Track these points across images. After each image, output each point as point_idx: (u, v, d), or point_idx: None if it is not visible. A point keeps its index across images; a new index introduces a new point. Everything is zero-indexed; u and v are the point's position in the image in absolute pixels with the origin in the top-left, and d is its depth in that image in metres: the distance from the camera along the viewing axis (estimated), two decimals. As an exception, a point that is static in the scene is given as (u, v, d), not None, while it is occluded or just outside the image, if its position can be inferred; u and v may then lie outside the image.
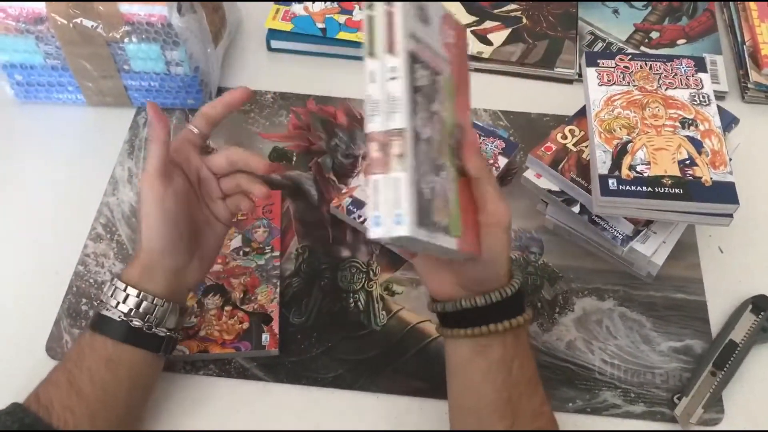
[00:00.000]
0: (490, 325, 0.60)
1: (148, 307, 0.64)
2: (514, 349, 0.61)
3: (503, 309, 0.61)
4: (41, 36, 0.86)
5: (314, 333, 0.77)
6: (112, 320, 0.64)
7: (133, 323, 0.64)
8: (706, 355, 0.75)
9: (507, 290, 0.60)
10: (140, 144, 0.92)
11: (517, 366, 0.61)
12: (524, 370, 0.61)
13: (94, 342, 0.64)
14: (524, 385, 0.61)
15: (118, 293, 0.64)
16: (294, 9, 1.02)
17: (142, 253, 0.65)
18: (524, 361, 0.62)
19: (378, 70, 0.49)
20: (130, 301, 0.64)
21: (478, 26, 1.03)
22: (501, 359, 0.61)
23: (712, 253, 0.83)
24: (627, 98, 0.78)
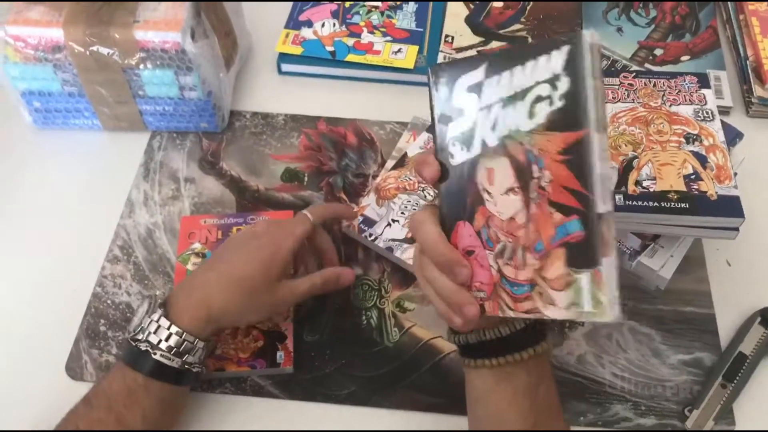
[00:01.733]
0: (515, 354, 0.60)
1: (190, 348, 0.66)
2: (538, 374, 0.61)
3: (526, 336, 0.60)
4: (59, 64, 0.88)
5: (327, 350, 0.78)
6: (170, 368, 0.66)
7: (194, 369, 0.67)
8: (715, 367, 0.75)
9: (525, 321, 0.60)
10: (155, 167, 0.94)
11: (544, 391, 0.61)
12: (550, 395, 0.62)
13: (150, 385, 0.65)
14: (549, 410, 0.61)
15: (172, 338, 0.66)
16: (303, 33, 1.05)
17: (216, 299, 0.68)
18: (550, 385, 0.62)
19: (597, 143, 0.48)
20: (173, 340, 0.66)
21: (484, 47, 1.05)
22: (527, 385, 0.60)
23: (719, 266, 0.84)
24: (632, 115, 0.80)
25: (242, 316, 0.70)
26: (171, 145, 0.97)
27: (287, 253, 0.71)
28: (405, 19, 1.07)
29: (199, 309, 0.67)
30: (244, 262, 0.70)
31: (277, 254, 0.70)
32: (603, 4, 1.12)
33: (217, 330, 0.69)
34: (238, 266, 0.69)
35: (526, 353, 0.59)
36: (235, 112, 1.00)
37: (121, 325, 0.80)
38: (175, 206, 0.90)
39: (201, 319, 0.67)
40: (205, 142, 0.97)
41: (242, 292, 0.68)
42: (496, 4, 1.11)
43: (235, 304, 0.68)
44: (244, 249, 0.71)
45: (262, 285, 0.69)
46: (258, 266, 0.69)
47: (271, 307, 0.72)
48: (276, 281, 0.70)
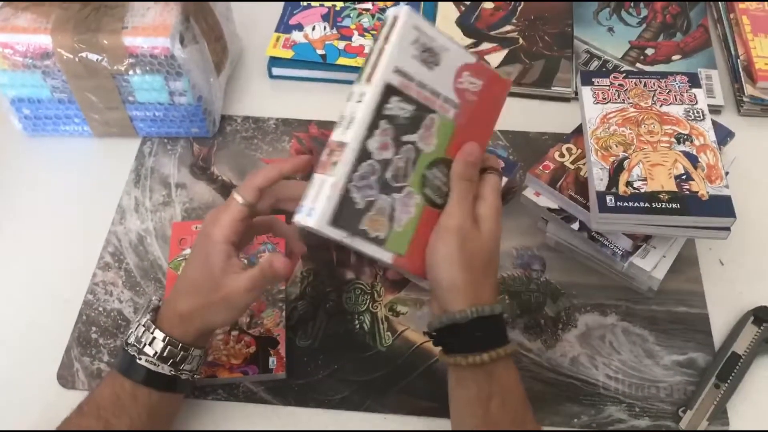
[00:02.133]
0: (456, 356, 0.60)
1: (176, 353, 0.65)
2: (489, 387, 0.60)
3: (468, 340, 0.60)
4: (48, 71, 0.88)
5: (320, 355, 0.78)
6: (161, 375, 0.65)
7: (183, 377, 0.66)
8: (709, 367, 0.75)
9: (457, 315, 0.59)
10: (146, 173, 0.94)
11: (497, 405, 0.60)
12: (506, 410, 0.60)
13: (137, 392, 0.64)
14: (507, 424, 0.60)
15: (157, 343, 0.65)
16: (294, 37, 1.04)
17: (180, 304, 0.66)
18: (506, 399, 0.60)
19: (355, 92, 0.59)
20: (157, 345, 0.65)
21: (476, 48, 1.05)
22: (477, 396, 0.60)
23: (712, 265, 0.84)
24: (622, 115, 0.80)
25: (210, 317, 0.66)
26: (162, 151, 0.96)
27: (219, 245, 0.64)
28: (396, 21, 1.07)
29: (173, 314, 0.66)
30: (190, 263, 0.67)
31: (210, 249, 0.64)
32: (594, 5, 1.12)
33: (200, 334, 0.67)
34: (188, 268, 0.67)
35: (464, 359, 0.59)
36: (226, 116, 1.00)
37: (113, 332, 0.80)
38: (166, 212, 0.90)
39: (177, 324, 0.65)
40: (196, 147, 0.96)
41: (196, 293, 0.65)
42: (486, 5, 1.11)
43: (195, 306, 0.65)
44: (194, 249, 0.68)
45: (208, 283, 0.64)
46: (198, 265, 0.65)
47: (226, 304, 0.65)
48: (221, 276, 0.64)
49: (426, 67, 0.60)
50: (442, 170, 0.62)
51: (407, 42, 0.59)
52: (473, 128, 0.64)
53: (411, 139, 0.60)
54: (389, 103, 0.59)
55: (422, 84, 0.60)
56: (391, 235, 0.61)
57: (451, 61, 0.61)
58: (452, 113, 0.62)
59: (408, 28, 0.58)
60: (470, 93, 0.63)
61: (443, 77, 0.61)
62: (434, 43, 0.60)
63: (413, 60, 0.59)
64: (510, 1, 1.11)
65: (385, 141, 0.59)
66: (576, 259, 0.83)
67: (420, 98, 0.60)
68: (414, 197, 0.61)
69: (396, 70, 0.58)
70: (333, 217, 0.57)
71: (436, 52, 0.60)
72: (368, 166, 0.59)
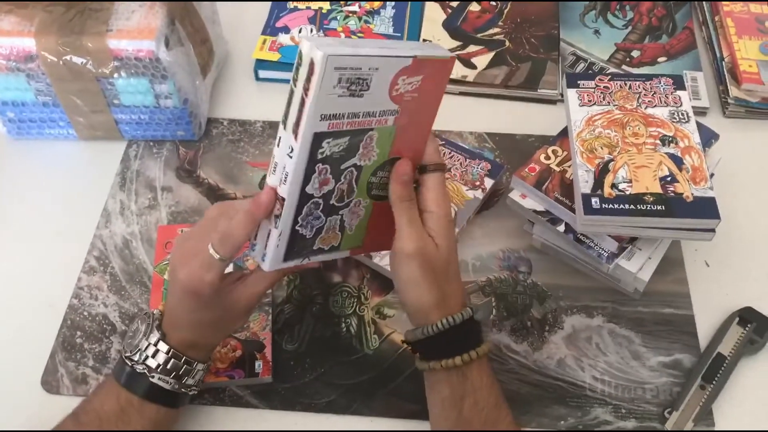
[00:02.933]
0: (431, 362, 0.62)
1: (189, 370, 0.66)
2: (462, 388, 0.61)
3: (442, 347, 0.61)
4: (32, 73, 0.87)
5: (307, 359, 0.78)
6: (166, 391, 0.65)
7: (190, 392, 0.67)
8: (695, 368, 0.76)
9: (428, 329, 0.61)
10: (132, 176, 0.94)
11: (469, 406, 0.61)
12: (478, 410, 0.61)
13: (144, 408, 0.64)
14: (479, 424, 0.61)
15: (160, 355, 0.64)
16: (281, 39, 1.04)
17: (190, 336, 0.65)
18: (478, 399, 0.62)
19: (283, 140, 0.56)
20: (171, 363, 0.65)
21: (462, 51, 1.05)
22: (450, 397, 0.62)
23: (698, 267, 0.84)
24: (607, 118, 0.80)
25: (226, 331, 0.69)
26: (147, 154, 0.96)
27: (207, 290, 0.61)
28: (383, 24, 1.07)
29: (184, 341, 0.65)
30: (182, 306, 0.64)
31: (206, 298, 0.62)
32: (580, 7, 1.12)
33: (214, 348, 0.68)
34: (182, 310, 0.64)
35: (438, 363, 0.61)
36: (213, 119, 1.00)
37: (98, 337, 0.79)
38: (152, 216, 0.90)
39: (191, 348, 0.65)
40: (182, 151, 0.96)
41: (207, 327, 0.65)
42: (473, 8, 1.11)
43: (208, 334, 0.66)
44: (176, 296, 0.64)
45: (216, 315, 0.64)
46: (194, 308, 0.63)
47: (242, 312, 0.66)
48: (226, 301, 0.64)
49: (355, 97, 0.56)
50: (387, 169, 0.63)
51: (329, 87, 0.53)
52: (416, 121, 0.62)
53: (350, 163, 0.60)
54: (321, 147, 0.57)
55: (354, 114, 0.57)
56: (344, 238, 0.65)
57: (383, 76, 0.57)
58: (391, 120, 0.60)
59: (328, 74, 0.53)
60: (409, 93, 0.60)
61: (377, 95, 0.58)
62: (360, 72, 0.55)
63: (340, 99, 0.55)
64: (497, 2, 1.11)
65: (324, 178, 0.59)
66: (562, 260, 0.84)
67: (354, 127, 0.58)
68: (362, 203, 0.64)
69: (322, 117, 0.55)
70: (285, 256, 0.61)
71: (363, 78, 0.56)
72: (311, 204, 0.60)
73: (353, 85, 0.55)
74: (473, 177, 0.88)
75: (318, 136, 0.56)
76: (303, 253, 0.62)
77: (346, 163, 0.60)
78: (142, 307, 0.81)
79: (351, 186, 0.61)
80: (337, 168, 0.59)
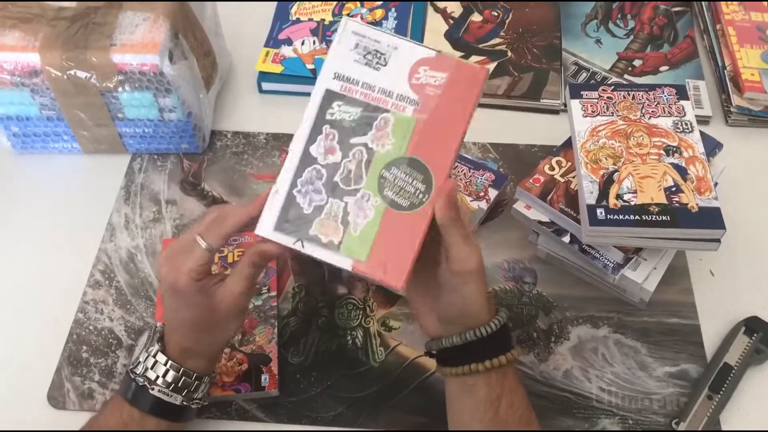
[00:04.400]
0: (472, 364, 0.61)
1: (190, 383, 0.65)
2: (500, 388, 0.62)
3: (485, 348, 0.62)
4: (36, 88, 0.88)
5: (313, 372, 0.78)
6: (169, 404, 0.64)
7: (193, 405, 0.66)
8: (701, 379, 0.75)
9: (483, 330, 0.61)
10: (136, 190, 0.94)
11: (505, 405, 0.61)
12: (513, 410, 0.62)
13: (146, 422, 0.64)
14: (514, 424, 0.62)
15: (170, 374, 0.64)
16: (284, 51, 1.04)
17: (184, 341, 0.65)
18: (514, 399, 0.62)
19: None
20: (170, 375, 0.64)
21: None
22: (487, 398, 0.61)
23: (703, 276, 0.84)
24: (611, 128, 0.80)
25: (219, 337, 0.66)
26: (152, 167, 0.96)
27: (191, 288, 0.61)
28: (385, 35, 1.07)
29: (180, 348, 0.65)
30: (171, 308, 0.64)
31: (184, 293, 0.62)
32: (581, 16, 1.12)
33: (212, 358, 0.67)
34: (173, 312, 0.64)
35: (482, 365, 0.61)
36: (216, 132, 1.00)
37: (104, 351, 0.79)
38: (156, 229, 0.90)
39: (188, 357, 0.65)
40: (186, 163, 0.96)
41: (195, 329, 0.64)
42: (474, 18, 1.11)
43: (199, 338, 0.65)
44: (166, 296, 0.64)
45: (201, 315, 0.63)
46: (182, 308, 0.63)
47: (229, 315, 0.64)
48: (210, 301, 0.62)
49: (371, 68, 0.61)
50: (405, 170, 0.60)
51: (346, 48, 0.61)
52: (441, 123, 0.61)
53: (361, 141, 0.60)
54: (331, 108, 0.61)
55: (369, 85, 0.61)
56: (347, 239, 0.60)
57: (403, 58, 0.61)
58: (410, 110, 0.61)
59: (346, 35, 0.62)
60: (432, 87, 0.61)
61: (394, 76, 0.61)
62: (378, 45, 0.61)
63: (355, 64, 0.61)
64: (498, 13, 1.12)
65: (330, 146, 0.60)
66: (567, 271, 0.84)
67: (368, 99, 0.61)
68: (371, 199, 0.60)
69: (336, 75, 0.61)
70: (277, 222, 0.60)
71: (382, 53, 0.61)
72: (313, 170, 0.60)
73: (369, 55, 0.61)
74: (477, 188, 0.88)
75: (329, 94, 0.61)
76: (297, 230, 0.60)
77: (355, 138, 0.60)
78: (147, 321, 0.81)
79: (360, 169, 0.60)
80: (346, 140, 0.60)
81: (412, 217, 0.59)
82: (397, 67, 0.61)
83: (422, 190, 0.60)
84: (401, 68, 0.61)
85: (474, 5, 1.13)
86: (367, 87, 0.61)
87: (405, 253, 0.59)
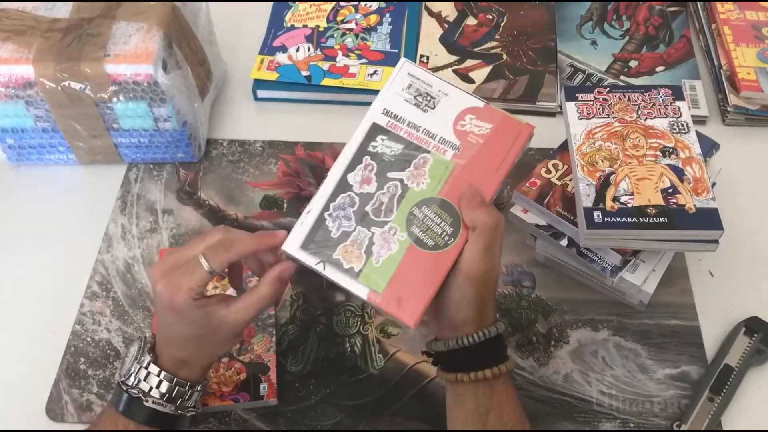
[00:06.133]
0: (458, 373, 0.61)
1: (183, 392, 0.65)
2: (488, 401, 0.61)
3: (470, 359, 0.61)
4: (31, 100, 0.87)
5: (312, 380, 0.77)
6: (164, 414, 0.64)
7: (188, 413, 0.65)
8: (702, 380, 0.75)
9: (466, 339, 0.60)
10: (132, 200, 0.93)
11: (494, 419, 0.61)
12: (502, 424, 0.61)
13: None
14: None
15: (163, 385, 0.64)
16: (278, 59, 1.04)
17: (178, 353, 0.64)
18: (504, 413, 0.61)
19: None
20: (164, 386, 0.64)
21: (460, 65, 1.05)
22: (475, 411, 0.61)
23: (702, 277, 0.84)
24: (607, 130, 0.80)
25: (214, 353, 0.67)
26: (148, 177, 0.96)
27: (191, 306, 0.61)
28: (379, 41, 1.07)
29: (174, 359, 0.64)
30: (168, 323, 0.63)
31: (185, 311, 0.61)
32: (576, 18, 1.12)
33: (205, 370, 0.67)
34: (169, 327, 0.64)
35: (467, 376, 0.61)
36: (212, 140, 1.00)
37: (102, 363, 0.79)
38: (153, 239, 0.90)
39: (181, 367, 0.64)
40: (182, 173, 0.96)
41: (193, 343, 0.64)
42: (469, 22, 1.11)
43: (196, 352, 0.64)
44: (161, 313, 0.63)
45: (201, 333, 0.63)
46: (180, 323, 0.62)
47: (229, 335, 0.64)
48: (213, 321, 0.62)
49: (420, 109, 0.64)
50: (435, 210, 0.61)
51: (399, 87, 0.65)
52: (478, 170, 0.62)
53: (398, 176, 0.62)
54: (375, 141, 0.63)
55: (414, 125, 0.64)
56: (367, 268, 0.60)
57: (451, 104, 0.64)
58: (450, 154, 0.63)
59: (401, 75, 0.65)
60: (474, 135, 0.64)
61: (440, 119, 0.64)
62: (430, 89, 0.65)
63: (405, 103, 0.64)
64: (493, 16, 1.11)
65: (367, 176, 0.62)
66: (566, 274, 0.83)
67: (411, 138, 0.63)
68: (397, 234, 0.61)
69: (385, 111, 0.64)
70: (304, 241, 0.61)
71: (433, 96, 0.65)
72: (347, 197, 0.62)
73: (420, 96, 0.64)
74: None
75: (375, 127, 0.63)
76: (322, 252, 0.61)
77: (393, 173, 0.62)
78: (144, 332, 0.81)
79: (392, 203, 0.62)
80: (383, 173, 0.62)
81: (435, 257, 0.60)
82: (445, 111, 0.64)
83: (449, 233, 0.61)
84: (448, 113, 0.64)
85: (468, 9, 1.13)
86: (413, 126, 0.64)
87: (422, 291, 0.59)
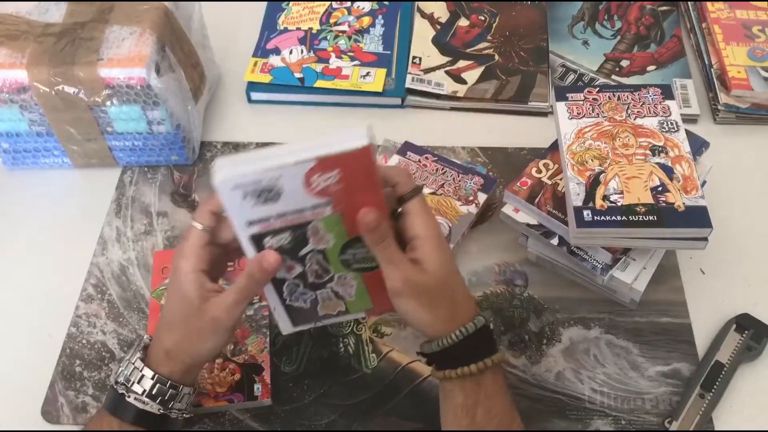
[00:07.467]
0: (446, 371, 0.62)
1: (165, 391, 0.65)
2: (476, 395, 0.62)
3: (452, 356, 0.62)
4: (25, 104, 0.88)
5: (306, 380, 0.78)
6: (151, 414, 0.64)
7: (173, 415, 0.66)
8: (693, 377, 0.76)
9: (445, 341, 0.62)
10: (127, 203, 0.94)
11: (482, 413, 0.62)
12: (490, 417, 0.62)
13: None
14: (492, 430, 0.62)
15: (145, 381, 0.64)
16: (272, 61, 1.05)
17: (165, 340, 0.65)
18: (491, 407, 0.62)
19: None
20: (146, 383, 0.64)
21: (452, 66, 1.06)
22: (463, 405, 0.62)
23: (693, 274, 0.85)
24: (597, 130, 0.80)
25: (197, 346, 0.65)
26: (142, 180, 0.96)
27: (189, 275, 0.63)
28: (372, 42, 1.07)
29: (160, 350, 0.65)
30: (167, 298, 0.66)
31: (181, 279, 0.63)
32: (568, 18, 1.13)
33: (187, 368, 0.66)
34: (167, 303, 0.66)
35: (454, 372, 0.62)
36: (206, 143, 1.00)
37: (97, 365, 0.80)
38: (148, 241, 0.90)
39: (164, 361, 0.65)
40: (177, 175, 0.97)
41: (179, 326, 0.64)
42: (461, 23, 1.12)
43: (180, 339, 0.64)
44: (168, 285, 0.67)
45: (188, 313, 0.63)
46: (175, 298, 0.64)
47: (213, 326, 0.63)
48: (200, 303, 0.63)
49: (273, 202, 0.58)
50: (355, 247, 0.63)
51: (237, 202, 0.57)
52: (359, 201, 0.60)
53: (308, 249, 0.62)
54: (267, 242, 0.61)
55: (281, 214, 0.59)
56: (350, 304, 0.67)
57: (291, 180, 0.57)
58: (329, 210, 0.60)
59: (228, 194, 0.56)
60: (333, 185, 0.58)
61: (295, 196, 0.58)
62: (264, 182, 0.57)
63: (256, 206, 0.58)
64: (485, 17, 1.12)
65: (288, 265, 0.63)
66: (558, 273, 0.84)
67: (289, 224, 0.60)
68: (347, 277, 0.65)
69: (249, 223, 0.59)
70: (293, 322, 0.68)
71: (271, 186, 0.57)
72: (289, 285, 0.65)
73: (262, 194, 0.57)
74: (466, 192, 0.88)
75: (256, 237, 0.60)
76: (311, 319, 0.68)
77: (303, 250, 0.62)
78: (140, 334, 0.82)
79: (323, 266, 0.63)
80: (296, 255, 0.62)
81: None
82: (292, 188, 0.57)
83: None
84: (296, 188, 0.57)
85: (461, 10, 1.13)
86: (280, 216, 0.59)
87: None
